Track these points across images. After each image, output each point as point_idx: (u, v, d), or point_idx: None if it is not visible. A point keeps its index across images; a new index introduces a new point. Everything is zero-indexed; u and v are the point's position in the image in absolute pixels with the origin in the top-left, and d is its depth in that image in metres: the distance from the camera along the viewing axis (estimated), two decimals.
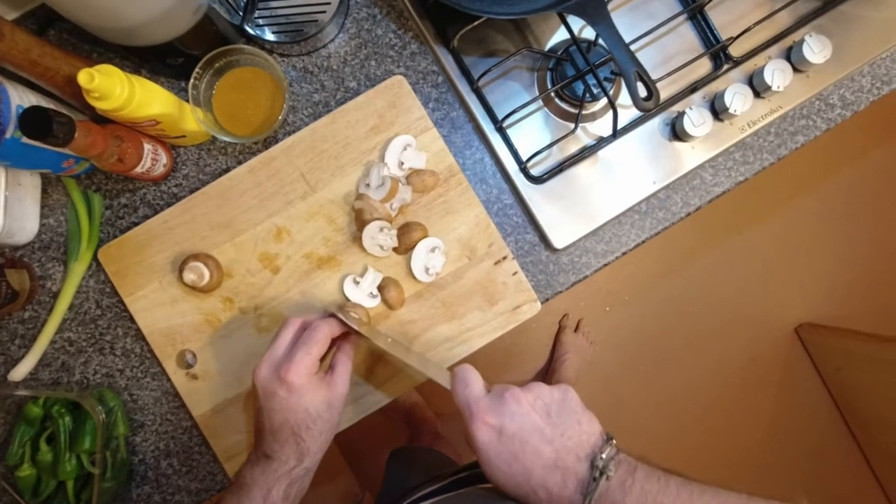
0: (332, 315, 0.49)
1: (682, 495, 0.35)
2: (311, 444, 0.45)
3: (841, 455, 1.59)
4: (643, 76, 0.51)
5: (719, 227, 1.61)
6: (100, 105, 0.45)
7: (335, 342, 0.50)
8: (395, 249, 0.57)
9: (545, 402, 0.39)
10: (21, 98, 0.47)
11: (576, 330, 1.54)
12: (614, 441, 0.38)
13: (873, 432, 1.52)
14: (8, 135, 0.46)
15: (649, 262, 1.60)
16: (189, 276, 0.55)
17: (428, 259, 0.57)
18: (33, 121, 0.42)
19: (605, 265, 0.63)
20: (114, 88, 0.45)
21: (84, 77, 0.43)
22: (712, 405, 1.59)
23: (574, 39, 0.55)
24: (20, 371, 0.59)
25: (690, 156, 0.61)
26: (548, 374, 1.51)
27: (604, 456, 0.36)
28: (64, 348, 0.60)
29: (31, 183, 0.58)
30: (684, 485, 0.36)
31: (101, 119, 0.49)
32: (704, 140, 0.60)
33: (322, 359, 0.48)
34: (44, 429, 0.58)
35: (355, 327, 0.49)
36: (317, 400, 0.45)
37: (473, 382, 0.42)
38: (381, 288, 0.57)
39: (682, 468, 0.37)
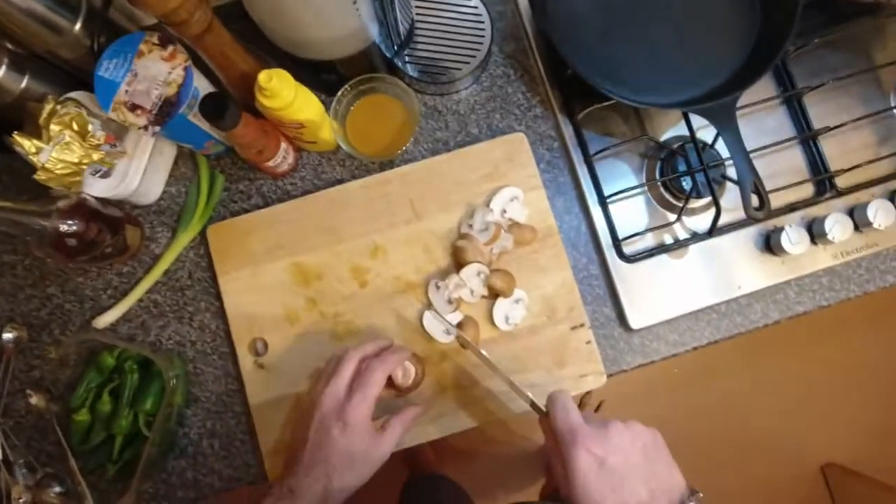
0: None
1: None
2: (336, 489, 0.46)
3: None
4: (759, 187, 0.53)
5: (762, 347, 1.58)
6: (267, 102, 0.50)
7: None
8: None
9: (643, 442, 0.41)
10: (197, 81, 0.53)
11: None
12: (701, 495, 0.39)
13: None
14: (179, 110, 0.51)
15: (681, 366, 1.57)
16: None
17: (510, 309, 0.59)
18: (212, 104, 0.47)
19: (674, 356, 0.63)
20: (283, 90, 0.50)
21: (264, 76, 0.48)
22: None
23: (693, 137, 0.58)
24: (104, 320, 0.62)
25: (779, 270, 0.62)
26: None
27: None
28: (148, 308, 0.63)
29: (169, 153, 0.63)
30: None
31: (255, 113, 0.54)
32: (796, 258, 0.61)
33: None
34: (110, 380, 0.60)
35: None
36: (361, 448, 0.47)
37: (573, 409, 0.43)
38: (459, 325, 0.59)
39: None
